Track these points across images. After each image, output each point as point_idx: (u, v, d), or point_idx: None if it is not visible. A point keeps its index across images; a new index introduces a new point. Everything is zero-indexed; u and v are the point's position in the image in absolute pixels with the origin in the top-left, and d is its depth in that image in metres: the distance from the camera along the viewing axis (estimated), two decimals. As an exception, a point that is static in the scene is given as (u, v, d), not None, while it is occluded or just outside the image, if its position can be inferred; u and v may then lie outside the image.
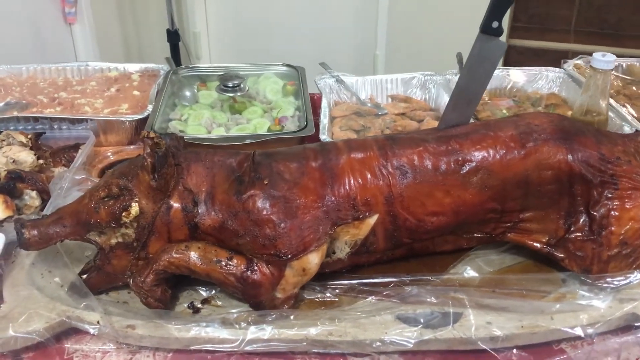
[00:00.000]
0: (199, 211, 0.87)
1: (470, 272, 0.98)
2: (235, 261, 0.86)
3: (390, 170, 0.91)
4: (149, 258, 0.87)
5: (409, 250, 0.99)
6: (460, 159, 0.92)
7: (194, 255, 0.86)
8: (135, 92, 1.49)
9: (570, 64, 1.62)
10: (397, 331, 0.84)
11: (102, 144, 1.35)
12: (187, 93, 1.47)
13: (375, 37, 3.10)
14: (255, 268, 0.86)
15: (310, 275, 0.88)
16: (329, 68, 1.60)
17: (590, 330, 0.85)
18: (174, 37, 3.01)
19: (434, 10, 3.01)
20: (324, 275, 0.96)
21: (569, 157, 0.90)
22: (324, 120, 1.35)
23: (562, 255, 0.95)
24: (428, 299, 0.89)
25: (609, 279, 0.92)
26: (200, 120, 1.34)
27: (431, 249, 1.00)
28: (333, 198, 0.89)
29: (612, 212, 0.90)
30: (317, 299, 0.93)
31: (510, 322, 0.85)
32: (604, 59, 1.15)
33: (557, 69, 1.61)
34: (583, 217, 0.92)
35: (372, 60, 3.15)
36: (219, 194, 0.88)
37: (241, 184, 0.88)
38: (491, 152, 0.92)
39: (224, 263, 0.86)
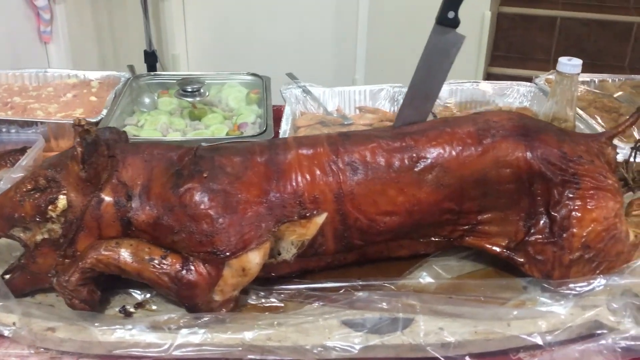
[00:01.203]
0: (133, 206, 0.82)
1: (426, 278, 0.92)
2: (170, 260, 0.80)
3: (340, 166, 0.86)
4: (76, 256, 0.81)
5: (362, 255, 0.93)
6: (414, 155, 0.87)
7: (124, 252, 0.80)
8: (93, 98, 1.43)
9: (542, 79, 1.59)
10: (341, 336, 0.77)
11: (52, 149, 1.29)
12: (147, 100, 1.42)
13: (354, 55, 3.08)
14: (191, 267, 0.80)
15: (251, 277, 0.82)
16: (295, 78, 1.56)
17: (549, 338, 0.79)
18: (151, 58, 2.98)
19: (414, 22, 2.99)
20: (271, 280, 0.90)
21: (528, 154, 0.86)
22: (285, 126, 1.30)
23: (522, 260, 0.89)
24: (378, 304, 0.83)
25: (571, 285, 0.86)
26: (156, 125, 1.29)
27: (386, 254, 0.94)
28: (278, 194, 0.83)
29: (574, 213, 0.85)
30: (260, 304, 0.87)
31: (464, 328, 0.80)
32: (570, 63, 1.12)
33: (529, 83, 1.58)
34: (543, 219, 0.87)
35: (351, 77, 3.13)
36: (155, 187, 0.82)
37: (180, 177, 0.83)
38: (447, 148, 0.87)
39: (157, 262, 0.80)
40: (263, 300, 0.87)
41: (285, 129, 1.29)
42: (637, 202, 0.92)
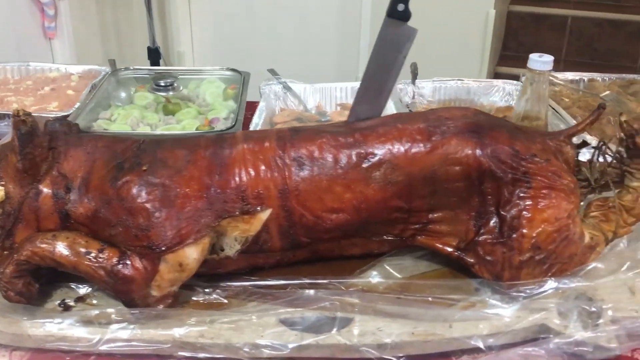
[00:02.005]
0: (71, 198, 0.81)
1: (376, 278, 0.90)
2: (107, 254, 0.79)
3: (286, 162, 0.84)
4: (14, 248, 0.80)
5: (313, 252, 0.91)
6: (363, 152, 0.85)
7: (60, 245, 0.79)
8: (70, 92, 1.43)
9: (528, 77, 1.56)
10: (275, 334, 0.76)
11: (25, 141, 1.29)
12: (123, 94, 1.42)
13: (357, 53, 3.06)
14: (127, 262, 0.79)
15: (190, 272, 0.81)
16: (276, 74, 1.55)
17: (490, 341, 0.77)
18: (154, 55, 2.98)
19: (417, 20, 2.95)
20: (219, 277, 0.89)
21: (478, 151, 0.83)
22: (257, 119, 1.29)
23: (472, 260, 0.87)
24: (318, 303, 0.81)
25: (521, 287, 0.84)
26: (127, 119, 1.28)
27: (338, 253, 0.92)
28: (219, 189, 0.82)
29: (524, 213, 0.82)
30: (202, 301, 0.85)
31: (403, 328, 0.78)
32: (541, 59, 1.09)
33: (515, 82, 1.55)
34: (494, 218, 0.85)
35: (354, 74, 3.10)
36: (94, 180, 0.82)
37: (120, 170, 0.82)
38: (396, 145, 0.85)
39: (93, 255, 0.79)
40: (207, 297, 0.86)
41: (257, 123, 1.28)
42: (596, 204, 0.89)
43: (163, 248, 0.78)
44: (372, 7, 2.96)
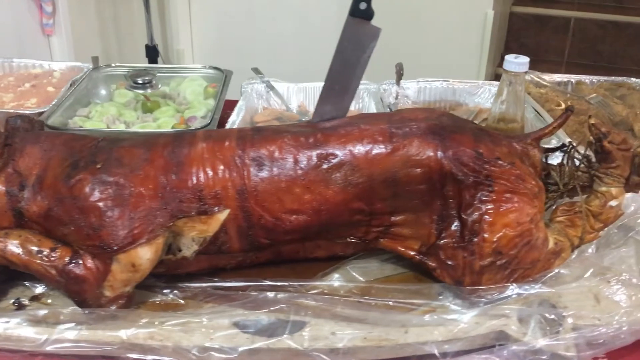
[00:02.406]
0: (25, 196, 0.80)
1: (339, 281, 0.89)
2: (59, 253, 0.78)
3: (246, 162, 0.83)
4: (-33, 245, 0.79)
5: (277, 254, 0.90)
6: (323, 152, 0.83)
7: (12, 243, 0.78)
8: (50, 89, 1.43)
9: (514, 79, 1.54)
10: (225, 337, 0.74)
11: (1, 138, 1.28)
12: (103, 91, 1.41)
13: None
14: (79, 261, 0.78)
15: (143, 273, 0.79)
16: (260, 73, 1.53)
17: (446, 347, 0.75)
18: (152, 52, 2.98)
19: (415, 21, 2.93)
20: (179, 277, 0.88)
21: (439, 154, 0.82)
22: (235, 117, 1.28)
23: (433, 265, 0.85)
24: (274, 306, 0.80)
25: (482, 293, 0.82)
26: (104, 117, 1.27)
27: (302, 255, 0.91)
28: (175, 188, 0.81)
29: (485, 217, 0.81)
30: (159, 302, 0.84)
31: (357, 333, 0.76)
32: (517, 60, 1.07)
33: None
34: (455, 222, 0.83)
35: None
36: (48, 178, 0.81)
37: (75, 168, 0.81)
38: (357, 146, 0.83)
39: (45, 254, 0.78)
40: (164, 298, 0.85)
41: (234, 120, 1.27)
42: (562, 208, 0.87)
43: (115, 248, 0.77)
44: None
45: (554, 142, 1.18)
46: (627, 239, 0.90)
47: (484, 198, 0.81)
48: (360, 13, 0.85)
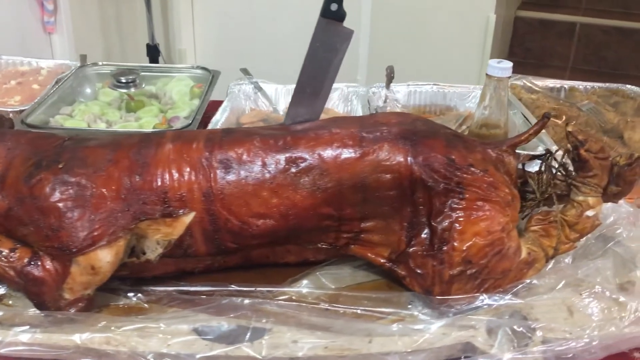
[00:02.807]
0: (-14, 195, 0.78)
1: (308, 287, 0.87)
2: (18, 254, 0.77)
3: (213, 164, 0.81)
4: None
5: (246, 259, 0.88)
6: (292, 156, 0.81)
7: (-29, 243, 0.76)
8: (35, 86, 1.42)
9: (507, 84, 1.51)
10: (182, 344, 0.73)
11: (-16, 135, 1.27)
12: (88, 90, 1.40)
13: (357, 56, 3.02)
14: (38, 263, 0.76)
15: (103, 275, 0.78)
16: (248, 74, 1.52)
17: (409, 358, 0.73)
18: (153, 51, 2.97)
19: (416, 23, 2.91)
20: (146, 281, 0.86)
21: (410, 159, 0.80)
22: (219, 116, 1.26)
23: (403, 273, 0.83)
24: (237, 312, 0.78)
25: (452, 302, 0.80)
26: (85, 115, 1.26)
27: (272, 260, 0.89)
28: (139, 190, 0.79)
29: (455, 225, 0.79)
30: (122, 305, 0.83)
31: (319, 342, 0.74)
32: (499, 65, 1.05)
33: (493, 89, 1.50)
34: (425, 230, 0.81)
35: (353, 77, 3.07)
36: (10, 177, 0.79)
37: (38, 167, 0.79)
38: (327, 150, 0.81)
39: (4, 255, 0.77)
40: (127, 302, 0.83)
41: (218, 120, 1.25)
42: (536, 218, 0.85)
43: (74, 250, 0.76)
44: (372, 7, 2.93)
45: (540, 149, 1.16)
46: (606, 251, 0.88)
47: (455, 205, 0.79)
48: (332, 14, 0.83)
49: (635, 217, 0.92)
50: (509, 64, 1.05)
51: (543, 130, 1.22)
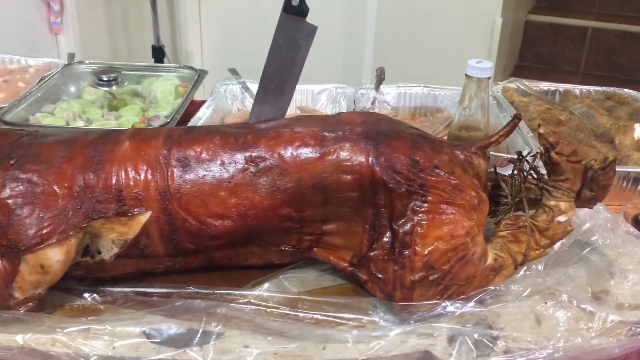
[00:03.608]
0: (-62, 191, 0.77)
1: (269, 291, 0.84)
2: (-32, 251, 0.75)
3: (171, 162, 0.79)
4: None
5: (208, 260, 0.86)
6: (251, 155, 0.79)
7: None
8: (20, 84, 1.41)
9: (499, 87, 1.48)
10: (127, 347, 0.71)
11: (-35, 132, 1.27)
12: (72, 88, 1.39)
13: (361, 58, 3.00)
14: (-13, 260, 0.75)
15: (54, 275, 0.76)
16: (236, 74, 1.50)
17: (363, 366, 0.70)
18: (158, 53, 2.98)
19: (421, 25, 2.88)
20: (104, 281, 0.84)
21: (372, 160, 0.77)
22: (202, 114, 1.25)
23: (365, 277, 0.80)
24: (192, 314, 0.76)
25: (414, 309, 0.77)
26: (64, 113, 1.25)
27: (235, 261, 0.87)
28: (92, 188, 0.77)
29: (417, 229, 0.76)
30: (76, 306, 0.81)
31: (270, 348, 0.72)
32: (479, 66, 1.02)
33: (486, 90, 1.46)
34: (387, 233, 0.78)
35: (358, 80, 3.04)
36: (-38, 173, 0.78)
37: (-9, 164, 0.78)
38: (288, 149, 0.79)
39: (-47, 252, 0.75)
40: (83, 302, 0.81)
41: (199, 117, 1.24)
42: (506, 222, 0.81)
43: (22, 248, 0.74)
44: (378, 11, 2.90)
45: (525, 153, 1.12)
46: (580, 258, 0.84)
47: (417, 208, 0.76)
48: (293, 9, 0.81)
49: (613, 223, 0.89)
50: (488, 64, 1.02)
51: (530, 134, 1.20)
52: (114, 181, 0.78)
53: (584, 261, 0.84)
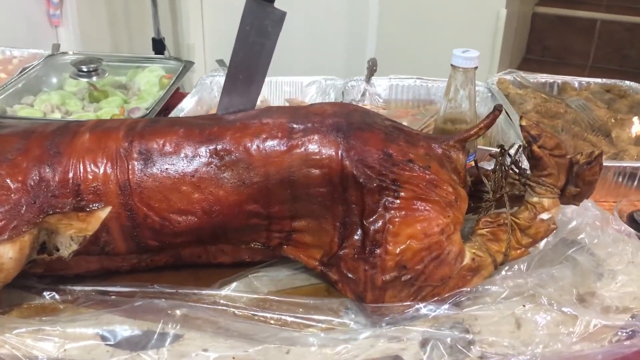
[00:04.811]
0: None
1: (236, 290, 0.80)
2: None
3: (132, 155, 0.75)
4: None
5: (176, 258, 0.82)
6: (217, 148, 0.75)
7: None
8: (2, 75, 1.38)
9: (495, 79, 1.43)
10: (81, 349, 0.67)
11: (-57, 124, 1.24)
12: (54, 79, 1.36)
13: (364, 52, 2.95)
14: (-62, 257, 0.71)
15: (7, 273, 0.72)
16: (224, 65, 1.46)
17: (327, 372, 0.66)
18: (159, 46, 2.94)
19: (423, 20, 2.83)
20: (66, 279, 0.81)
21: (342, 154, 0.73)
22: (185, 105, 1.21)
23: (335, 277, 0.76)
24: (152, 314, 0.72)
25: (386, 311, 0.73)
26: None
27: (205, 259, 0.83)
28: (48, 181, 0.73)
29: (389, 226, 0.71)
30: (35, 305, 0.77)
31: (229, 351, 0.68)
32: (464, 55, 0.97)
33: (481, 83, 1.42)
34: (358, 231, 0.74)
35: (362, 74, 2.99)
36: None
37: (-56, 157, 0.74)
38: (254, 142, 0.75)
39: None
40: (42, 301, 0.78)
41: (183, 109, 1.20)
42: (485, 220, 0.77)
43: (-28, 244, 0.70)
44: (380, 4, 2.86)
45: (516, 146, 1.08)
46: (565, 258, 0.80)
47: (389, 205, 0.72)
48: (260, -6, 0.77)
49: (603, 221, 0.84)
50: (475, 53, 0.97)
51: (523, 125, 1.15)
52: (71, 175, 0.74)
53: (569, 261, 0.80)
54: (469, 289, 0.73)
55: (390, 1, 2.85)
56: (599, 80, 1.44)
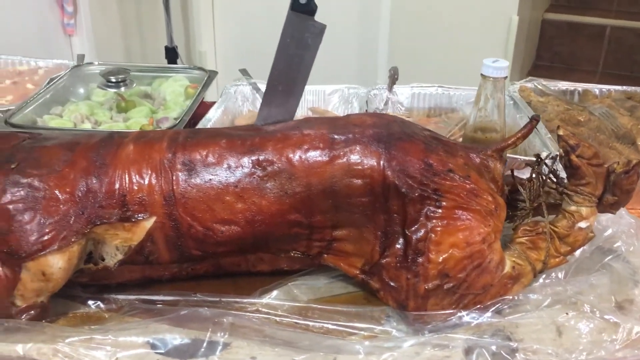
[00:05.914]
0: (-62, 196, 0.75)
1: (278, 299, 0.81)
2: (-34, 259, 0.73)
3: (176, 166, 0.77)
4: None
5: (216, 267, 0.84)
6: (258, 158, 0.76)
7: None
8: (29, 86, 1.40)
9: (516, 86, 1.44)
10: (131, 357, 0.68)
11: (-27, 135, 1.25)
12: (81, 90, 1.37)
13: (375, 59, 2.97)
14: (-13, 268, 0.73)
15: (56, 282, 0.74)
16: (247, 75, 1.47)
17: (373, 380, 0.67)
18: (172, 54, 2.96)
19: (435, 26, 2.84)
20: (109, 288, 0.82)
21: (383, 164, 0.74)
22: (212, 114, 1.23)
23: (377, 286, 0.77)
24: (198, 323, 0.73)
25: (428, 319, 0.74)
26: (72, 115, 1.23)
27: (245, 268, 0.84)
28: (95, 193, 0.75)
29: (431, 235, 0.72)
30: (80, 314, 0.79)
31: (278, 359, 0.69)
32: (495, 65, 0.98)
33: (502, 90, 1.43)
34: (400, 240, 0.75)
35: (373, 80, 3.01)
36: (-39, 178, 0.76)
37: (-9, 168, 0.76)
38: (296, 152, 0.76)
39: (-47, 259, 0.73)
40: (87, 310, 0.79)
41: (209, 118, 1.21)
42: (523, 229, 0.78)
43: (23, 255, 0.72)
44: (391, 10, 2.87)
45: (544, 155, 1.09)
46: (602, 266, 0.81)
47: (431, 214, 0.73)
48: (301, 7, 0.78)
49: (637, 229, 0.85)
50: (505, 63, 0.99)
51: (548, 135, 1.16)
52: (117, 186, 0.75)
53: (606, 269, 0.81)
54: (510, 297, 0.74)
55: (401, 9, 2.86)
56: (619, 87, 1.44)
